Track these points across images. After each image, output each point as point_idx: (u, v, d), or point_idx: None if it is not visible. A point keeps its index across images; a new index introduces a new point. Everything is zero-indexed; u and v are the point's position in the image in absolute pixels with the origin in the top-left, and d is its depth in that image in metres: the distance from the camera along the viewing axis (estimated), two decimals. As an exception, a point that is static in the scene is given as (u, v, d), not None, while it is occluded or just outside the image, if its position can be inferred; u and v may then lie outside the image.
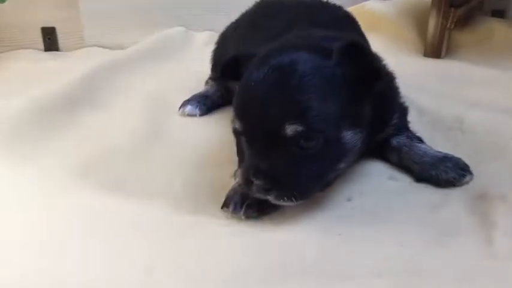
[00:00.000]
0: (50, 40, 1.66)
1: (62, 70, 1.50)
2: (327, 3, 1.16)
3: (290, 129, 0.70)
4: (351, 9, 1.59)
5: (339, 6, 1.15)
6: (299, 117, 0.70)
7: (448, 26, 1.47)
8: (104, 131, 1.09)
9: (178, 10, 1.68)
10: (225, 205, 0.80)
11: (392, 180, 0.89)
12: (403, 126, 0.94)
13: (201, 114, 1.18)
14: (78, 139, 1.05)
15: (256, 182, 0.72)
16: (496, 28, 1.52)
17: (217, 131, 1.10)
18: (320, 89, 0.72)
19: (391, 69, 0.97)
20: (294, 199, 0.73)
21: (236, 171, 0.88)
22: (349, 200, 0.84)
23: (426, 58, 1.51)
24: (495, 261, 0.68)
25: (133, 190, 0.88)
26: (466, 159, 0.89)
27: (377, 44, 1.03)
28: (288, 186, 0.73)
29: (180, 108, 1.18)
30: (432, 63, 1.47)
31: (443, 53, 1.51)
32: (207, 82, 1.28)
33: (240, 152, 0.89)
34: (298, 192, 0.73)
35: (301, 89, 0.71)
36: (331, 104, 0.72)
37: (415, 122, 1.06)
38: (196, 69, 1.43)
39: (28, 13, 1.62)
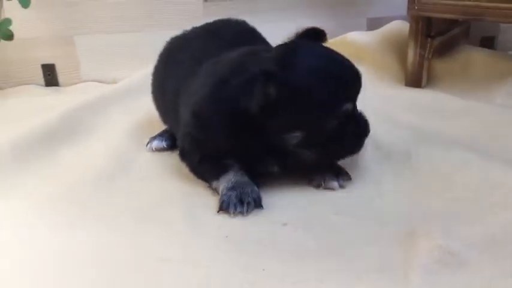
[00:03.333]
0: (50, 76, 1.77)
1: (58, 104, 1.58)
2: (228, 23, 1.25)
3: None
4: (334, 40, 1.63)
5: (241, 22, 1.26)
6: None
7: (425, 55, 1.49)
8: (73, 165, 1.16)
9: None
10: (221, 209, 0.92)
11: (336, 215, 0.92)
12: None
13: (167, 146, 1.22)
14: (47, 173, 1.12)
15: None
16: (474, 58, 1.52)
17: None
18: None
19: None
20: None
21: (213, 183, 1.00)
22: (284, 224, 0.89)
23: (407, 87, 1.53)
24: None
25: (115, 223, 0.92)
26: (409, 197, 0.93)
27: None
28: None
29: (147, 144, 1.24)
30: (410, 93, 1.48)
31: (423, 82, 1.52)
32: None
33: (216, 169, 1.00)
34: None
35: None
36: None
37: (370, 156, 1.09)
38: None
39: (30, 51, 1.73)
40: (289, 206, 0.95)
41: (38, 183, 1.08)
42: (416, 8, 1.43)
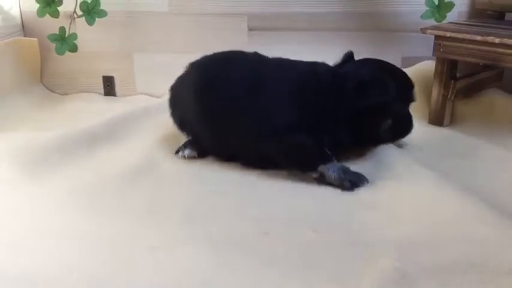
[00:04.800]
0: (109, 87, 1.98)
1: (111, 111, 1.78)
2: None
3: None
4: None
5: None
6: None
7: (448, 96, 1.53)
8: (106, 164, 1.34)
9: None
10: (355, 186, 1.18)
11: (314, 232, 1.01)
12: None
13: (199, 155, 1.38)
14: (82, 169, 1.32)
15: None
16: (497, 102, 1.56)
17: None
18: None
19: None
20: None
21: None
22: (266, 233, 1.00)
23: (429, 125, 1.58)
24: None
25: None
26: (385, 224, 1.02)
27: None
28: None
29: (178, 152, 1.39)
30: (429, 130, 1.53)
31: (446, 121, 1.57)
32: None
33: None
34: None
35: None
36: None
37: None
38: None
39: (93, 63, 1.96)
40: (277, 217, 1.06)
41: (71, 176, 1.27)
42: (441, 50, 1.49)
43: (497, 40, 1.35)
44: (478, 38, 1.39)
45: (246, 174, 1.27)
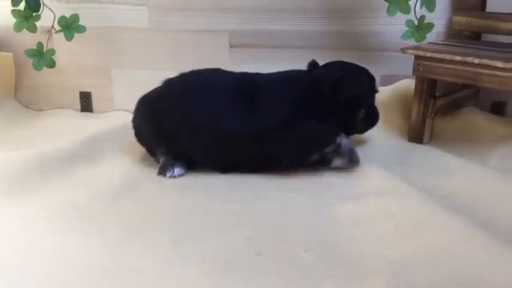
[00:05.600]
0: (86, 103, 1.95)
1: (88, 128, 1.74)
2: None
3: None
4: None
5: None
6: None
7: (428, 114, 1.57)
8: (87, 182, 1.31)
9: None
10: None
11: (306, 252, 1.01)
12: None
13: (186, 172, 1.37)
14: (66, 187, 1.29)
15: None
16: (474, 121, 1.60)
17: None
18: None
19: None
20: None
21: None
22: (258, 254, 0.99)
23: (409, 143, 1.61)
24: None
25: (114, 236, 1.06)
26: (375, 242, 1.02)
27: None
28: None
29: (167, 173, 1.36)
30: (409, 148, 1.56)
31: (425, 139, 1.60)
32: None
33: None
34: None
35: None
36: None
37: (351, 202, 1.18)
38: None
39: (70, 79, 1.93)
40: (268, 237, 1.06)
41: (52, 196, 1.24)
42: (421, 69, 1.52)
43: (476, 60, 1.39)
44: (458, 58, 1.43)
45: (235, 191, 1.26)
